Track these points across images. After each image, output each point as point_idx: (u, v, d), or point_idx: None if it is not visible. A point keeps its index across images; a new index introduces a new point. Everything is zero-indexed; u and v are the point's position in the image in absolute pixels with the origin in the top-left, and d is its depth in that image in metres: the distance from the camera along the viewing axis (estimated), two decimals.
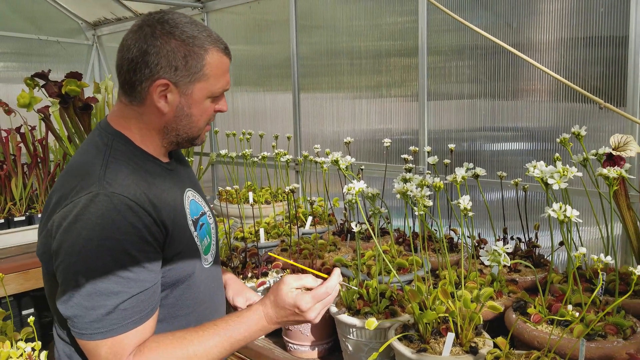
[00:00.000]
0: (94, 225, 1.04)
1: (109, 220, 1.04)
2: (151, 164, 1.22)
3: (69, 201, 1.07)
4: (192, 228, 1.24)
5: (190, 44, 1.14)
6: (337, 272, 1.24)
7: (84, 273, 1.03)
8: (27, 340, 1.43)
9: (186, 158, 1.53)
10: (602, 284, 1.47)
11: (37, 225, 2.86)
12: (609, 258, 1.22)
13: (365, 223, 1.60)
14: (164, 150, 1.27)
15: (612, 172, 1.33)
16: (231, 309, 1.52)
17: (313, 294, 1.18)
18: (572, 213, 1.20)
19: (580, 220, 1.24)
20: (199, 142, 1.29)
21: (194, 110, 1.20)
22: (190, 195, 1.30)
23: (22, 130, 3.06)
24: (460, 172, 1.46)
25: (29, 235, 2.86)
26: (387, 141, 2.47)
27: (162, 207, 1.14)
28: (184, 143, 1.27)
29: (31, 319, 1.44)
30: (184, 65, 1.14)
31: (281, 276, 1.98)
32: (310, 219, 2.49)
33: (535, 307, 1.42)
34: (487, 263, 1.19)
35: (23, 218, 2.88)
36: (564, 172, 1.24)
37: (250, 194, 2.65)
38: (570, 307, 1.19)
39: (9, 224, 2.83)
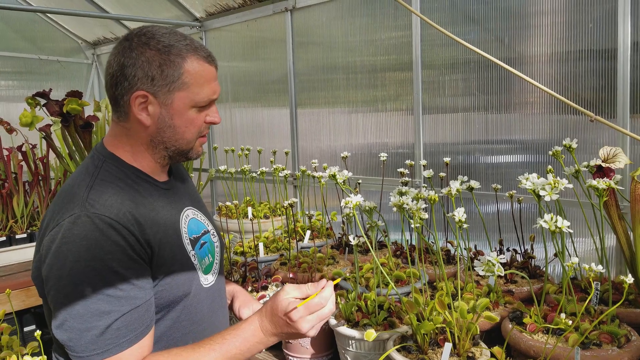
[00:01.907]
0: (79, 247, 1.04)
1: (92, 241, 1.04)
2: (144, 183, 1.20)
3: (55, 223, 1.08)
4: (189, 247, 1.22)
5: (166, 52, 1.12)
6: (329, 283, 1.17)
7: (74, 295, 1.03)
8: (32, 355, 1.45)
9: (188, 173, 1.49)
10: (596, 293, 1.50)
11: None
12: (600, 267, 1.25)
13: (363, 236, 1.63)
14: (159, 166, 1.24)
15: (602, 183, 1.37)
16: (237, 321, 1.52)
17: (306, 304, 1.12)
18: (563, 224, 1.23)
19: (572, 231, 1.27)
20: (193, 155, 1.24)
21: (177, 121, 1.17)
22: (190, 214, 1.29)
23: (23, 149, 3.10)
24: (454, 185, 1.49)
25: (31, 252, 2.87)
26: (383, 155, 2.50)
27: (148, 226, 1.12)
28: (177, 157, 1.23)
29: (38, 332, 1.44)
30: (160, 75, 1.12)
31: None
32: (308, 233, 2.51)
33: (531, 317, 1.44)
34: (481, 273, 1.22)
35: (25, 235, 2.90)
36: (554, 184, 1.27)
37: (249, 209, 2.68)
38: (563, 315, 1.22)
39: (11, 241, 2.86)
